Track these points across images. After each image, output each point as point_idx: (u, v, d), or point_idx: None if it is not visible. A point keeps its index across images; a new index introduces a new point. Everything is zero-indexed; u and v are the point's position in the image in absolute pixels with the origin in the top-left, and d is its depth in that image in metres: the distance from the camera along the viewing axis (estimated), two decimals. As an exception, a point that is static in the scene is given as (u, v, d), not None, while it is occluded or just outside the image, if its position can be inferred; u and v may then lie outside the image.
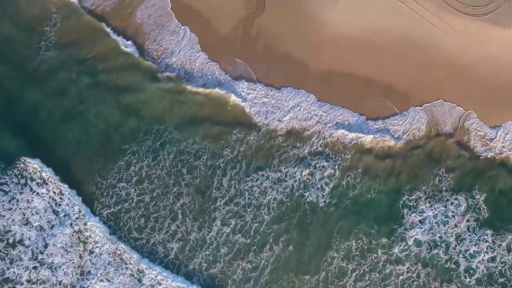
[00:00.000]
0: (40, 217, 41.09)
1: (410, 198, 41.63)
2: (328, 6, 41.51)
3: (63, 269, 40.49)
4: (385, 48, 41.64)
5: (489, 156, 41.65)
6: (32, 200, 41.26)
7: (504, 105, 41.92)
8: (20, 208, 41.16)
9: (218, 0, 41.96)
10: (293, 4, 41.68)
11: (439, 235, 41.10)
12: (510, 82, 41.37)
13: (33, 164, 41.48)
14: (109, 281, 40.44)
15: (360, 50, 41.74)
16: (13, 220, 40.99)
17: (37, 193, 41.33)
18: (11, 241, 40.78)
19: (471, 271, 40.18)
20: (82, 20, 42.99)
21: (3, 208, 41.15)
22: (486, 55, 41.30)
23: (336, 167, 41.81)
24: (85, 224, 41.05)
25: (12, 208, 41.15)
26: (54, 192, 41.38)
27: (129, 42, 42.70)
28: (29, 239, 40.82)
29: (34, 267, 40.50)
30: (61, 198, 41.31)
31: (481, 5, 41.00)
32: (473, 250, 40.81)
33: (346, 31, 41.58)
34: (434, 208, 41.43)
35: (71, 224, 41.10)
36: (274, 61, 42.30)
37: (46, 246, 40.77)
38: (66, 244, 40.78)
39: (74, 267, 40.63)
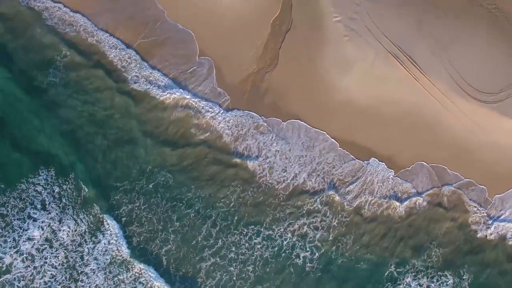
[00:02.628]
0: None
1: (398, 271, 41.59)
2: (341, 72, 41.19)
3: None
4: (392, 121, 41.51)
5: (485, 235, 41.71)
6: (28, 228, 39.98)
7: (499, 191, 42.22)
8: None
9: (229, 50, 41.18)
10: (307, 65, 41.28)
11: (420, 311, 41.29)
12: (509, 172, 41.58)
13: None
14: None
15: (367, 119, 41.49)
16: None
17: (34, 219, 40.09)
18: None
19: None
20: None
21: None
22: (490, 142, 41.35)
23: (331, 230, 41.50)
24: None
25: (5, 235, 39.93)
26: (53, 219, 40.12)
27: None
28: (19, 269, 39.56)
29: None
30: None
31: (491, 92, 41.01)
32: (453, 333, 41.10)
33: (355, 98, 41.33)
34: (420, 283, 41.44)
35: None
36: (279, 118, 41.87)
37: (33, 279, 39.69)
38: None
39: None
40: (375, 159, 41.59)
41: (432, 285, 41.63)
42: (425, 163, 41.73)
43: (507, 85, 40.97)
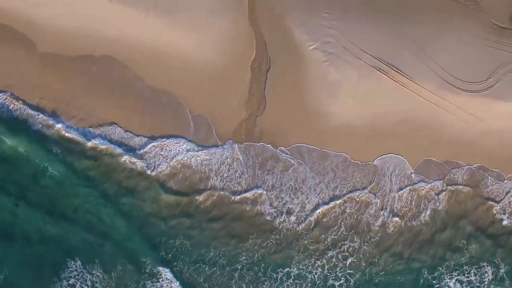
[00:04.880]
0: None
1: (433, 276, 41.54)
2: (330, 98, 40.77)
3: None
4: (389, 132, 41.30)
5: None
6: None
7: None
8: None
9: (216, 104, 40.28)
10: (294, 99, 40.72)
11: (463, 308, 41.38)
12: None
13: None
14: None
15: (365, 137, 41.31)
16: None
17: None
18: None
19: None
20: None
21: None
22: (489, 129, 41.47)
23: (361, 255, 41.16)
24: None
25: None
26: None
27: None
28: None
29: None
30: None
31: (480, 80, 41.04)
32: (499, 325, 41.24)
33: (349, 121, 40.97)
34: (458, 281, 41.48)
35: None
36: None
37: None
38: None
39: None
40: (394, 154, 41.34)
41: (472, 278, 41.62)
42: (433, 159, 41.75)
43: (494, 70, 41.02)
